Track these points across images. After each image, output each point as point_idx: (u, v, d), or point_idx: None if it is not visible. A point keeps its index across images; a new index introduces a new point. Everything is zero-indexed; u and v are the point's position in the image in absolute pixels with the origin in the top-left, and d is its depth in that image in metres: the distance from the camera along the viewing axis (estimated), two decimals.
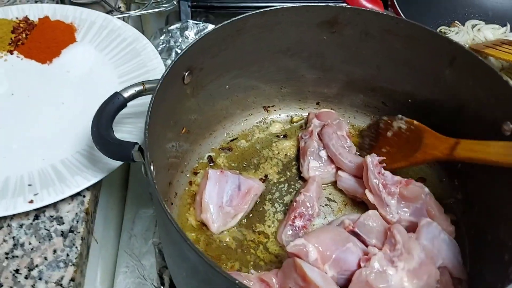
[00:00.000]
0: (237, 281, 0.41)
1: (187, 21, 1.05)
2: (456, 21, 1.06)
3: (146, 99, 0.57)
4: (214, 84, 0.73)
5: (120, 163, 0.64)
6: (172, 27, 1.04)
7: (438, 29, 1.06)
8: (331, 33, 0.74)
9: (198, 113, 0.74)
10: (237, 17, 0.67)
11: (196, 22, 1.06)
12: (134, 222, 0.78)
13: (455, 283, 0.64)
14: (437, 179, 0.77)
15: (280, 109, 0.85)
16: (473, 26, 1.06)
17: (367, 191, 0.69)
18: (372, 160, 0.70)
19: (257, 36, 0.71)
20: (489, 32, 1.04)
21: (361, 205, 0.73)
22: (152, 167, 0.53)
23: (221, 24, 0.65)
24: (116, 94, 0.61)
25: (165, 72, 0.57)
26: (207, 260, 0.42)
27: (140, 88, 0.62)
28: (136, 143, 0.55)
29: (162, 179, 0.66)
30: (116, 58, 0.81)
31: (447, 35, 1.04)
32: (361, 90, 0.82)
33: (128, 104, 0.63)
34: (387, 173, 0.70)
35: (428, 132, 0.71)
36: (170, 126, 0.65)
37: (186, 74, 0.64)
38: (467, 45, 1.01)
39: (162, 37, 1.03)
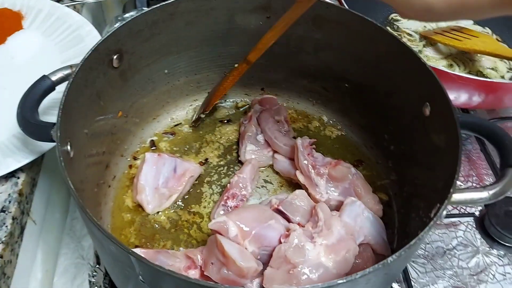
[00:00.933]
0: (130, 251, 0.43)
1: (142, 9, 1.06)
2: None
3: None
4: (151, 68, 0.74)
5: (51, 145, 0.66)
6: (127, 15, 1.05)
7: (390, 16, 1.07)
8: (266, 18, 0.75)
9: (136, 97, 0.75)
10: (167, 2, 0.68)
11: (156, 6, 1.07)
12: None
13: (380, 259, 0.66)
14: (374, 161, 0.79)
15: (225, 94, 0.87)
16: None
17: (297, 172, 0.71)
18: (302, 142, 0.72)
19: (192, 20, 0.73)
20: None
21: (296, 187, 0.74)
22: (68, 147, 0.54)
23: (150, 8, 0.67)
24: (44, 77, 0.62)
25: (86, 55, 0.58)
26: (104, 232, 0.44)
27: (68, 71, 0.63)
28: (55, 123, 0.56)
29: (94, 161, 0.68)
30: (61, 44, 0.82)
31: (398, 23, 1.06)
32: (303, 76, 0.83)
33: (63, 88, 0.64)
34: (318, 155, 0.72)
35: None
36: (100, 109, 0.66)
37: (115, 57, 0.65)
38: (416, 32, 1.03)
39: (116, 25, 1.03)
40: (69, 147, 0.54)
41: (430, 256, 0.74)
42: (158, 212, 0.71)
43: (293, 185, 0.75)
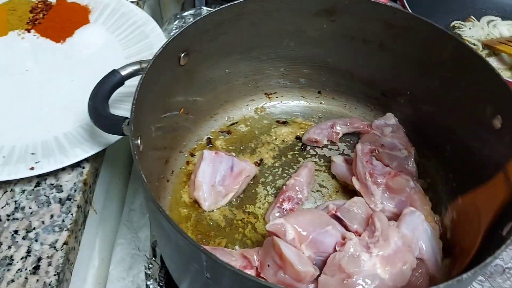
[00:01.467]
0: (201, 248, 0.43)
1: (201, 8, 1.08)
2: (472, 16, 1.05)
3: None
4: (213, 68, 0.75)
5: (117, 138, 0.68)
6: (186, 13, 1.07)
7: (452, 24, 1.04)
8: (330, 21, 0.75)
9: (197, 95, 0.76)
10: (234, 2, 0.69)
11: (210, 9, 1.08)
12: (135, 197, 0.81)
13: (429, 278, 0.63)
14: (433, 174, 0.77)
15: (282, 96, 0.87)
16: (489, 22, 1.04)
17: (354, 178, 0.70)
18: (362, 148, 0.71)
19: (257, 21, 0.73)
20: (505, 29, 1.02)
21: (352, 194, 0.74)
22: (139, 142, 0.56)
23: (218, 8, 0.67)
24: (114, 72, 0.64)
25: (157, 51, 0.60)
26: (176, 227, 0.45)
27: (137, 67, 0.65)
28: (127, 118, 0.58)
29: (157, 156, 0.69)
30: (125, 40, 0.85)
31: (460, 30, 1.03)
32: (362, 81, 0.82)
33: (130, 83, 0.66)
34: (377, 163, 0.71)
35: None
36: (165, 106, 0.68)
37: (182, 55, 0.66)
38: (479, 41, 0.99)
39: (175, 23, 1.06)
40: (139, 141, 0.55)
41: (488, 274, 0.71)
42: (213, 210, 0.72)
43: (349, 191, 0.75)
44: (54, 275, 0.58)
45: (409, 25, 0.71)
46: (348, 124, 0.82)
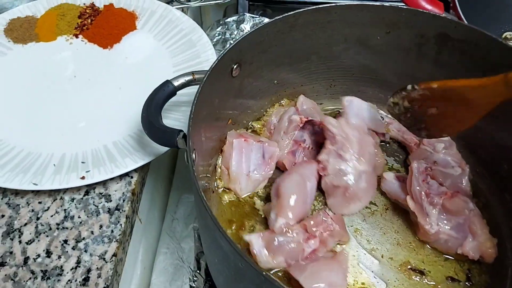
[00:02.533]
0: (264, 273, 0.42)
1: (244, 14, 1.07)
2: None
3: (196, 89, 0.59)
4: (263, 78, 0.74)
5: (167, 148, 0.67)
6: (229, 19, 1.06)
7: (503, 35, 1.00)
8: (385, 33, 0.72)
9: (245, 106, 0.75)
10: (289, 13, 0.67)
11: (253, 15, 1.07)
12: (178, 206, 0.81)
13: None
14: (486, 192, 0.74)
15: (329, 107, 0.85)
16: None
17: (408, 198, 0.68)
18: (418, 166, 0.69)
19: (309, 33, 0.71)
20: None
21: (404, 212, 0.71)
22: (194, 155, 0.55)
23: (273, 20, 0.66)
24: (167, 82, 0.63)
25: (213, 63, 0.59)
26: (237, 250, 0.44)
27: (190, 77, 0.64)
28: (181, 130, 0.57)
29: (207, 164, 0.68)
30: (172, 48, 0.84)
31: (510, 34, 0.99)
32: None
33: (178, 92, 0.66)
34: (433, 182, 0.69)
35: (464, 86, 0.60)
36: (216, 117, 0.67)
37: (235, 67, 0.65)
38: None
39: (218, 29, 1.05)
40: (194, 155, 0.54)
41: None
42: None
43: (400, 210, 0.72)
44: (104, 287, 0.58)
45: (467, 38, 0.69)
46: (399, 131, 0.79)
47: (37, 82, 0.79)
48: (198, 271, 0.71)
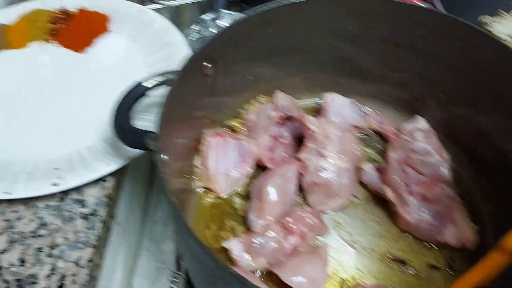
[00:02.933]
0: (237, 274, 0.41)
1: (221, 11, 1.06)
2: (501, 11, 1.00)
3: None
4: (237, 75, 0.73)
5: (140, 152, 0.66)
6: (205, 16, 1.05)
7: (480, 19, 1.00)
8: (361, 24, 0.72)
9: (220, 104, 0.74)
10: (262, 8, 0.66)
11: (230, 12, 1.06)
12: (157, 207, 0.80)
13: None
14: (468, 180, 0.73)
15: (307, 101, 0.84)
16: None
17: (387, 188, 0.67)
18: (395, 156, 0.68)
19: (284, 27, 0.70)
20: None
21: (383, 202, 0.71)
22: (164, 156, 0.54)
23: (246, 16, 0.65)
24: (138, 84, 0.62)
25: (184, 63, 0.58)
26: (213, 257, 0.43)
27: (162, 78, 0.63)
28: (151, 132, 0.56)
29: (185, 165, 0.68)
30: (146, 49, 0.83)
31: (489, 27, 0.99)
32: (393, 84, 0.78)
33: (153, 94, 0.65)
34: (411, 171, 0.68)
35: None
36: (190, 117, 0.66)
37: (208, 65, 0.64)
38: (510, 36, 0.95)
39: (195, 27, 1.04)
40: (165, 157, 0.54)
41: None
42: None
43: (381, 201, 0.71)
44: None
45: (443, 26, 0.68)
46: (379, 122, 0.79)
47: (9, 89, 0.78)
48: (178, 273, 0.70)
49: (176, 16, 1.19)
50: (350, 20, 0.71)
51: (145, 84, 0.62)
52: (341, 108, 0.77)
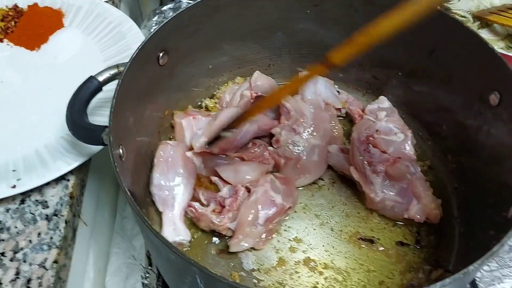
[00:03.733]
0: (192, 261, 0.41)
1: (180, 1, 1.04)
2: None
3: None
4: (195, 64, 0.72)
5: (100, 147, 0.65)
6: (165, 7, 1.04)
7: None
8: (313, 6, 0.71)
9: (181, 94, 0.73)
10: None
11: (190, 1, 1.04)
12: (127, 204, 0.79)
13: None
14: (431, 156, 0.74)
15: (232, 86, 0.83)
16: None
17: (351, 168, 0.68)
18: (358, 136, 0.69)
19: (236, 13, 0.70)
20: None
21: (350, 183, 0.71)
22: (121, 151, 0.53)
23: (194, 3, 0.64)
24: (91, 78, 0.61)
25: (134, 54, 0.56)
26: (165, 242, 0.42)
27: (115, 71, 0.62)
28: (106, 126, 0.55)
29: (143, 160, 0.66)
30: (102, 42, 0.81)
31: (449, 3, 1.00)
32: (352, 65, 0.79)
33: (111, 87, 0.63)
34: (375, 151, 0.69)
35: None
36: (148, 109, 0.65)
37: (161, 55, 0.63)
38: (469, 13, 0.96)
39: (155, 18, 1.02)
40: (121, 151, 0.53)
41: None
42: None
43: (347, 181, 0.72)
44: None
45: (392, 3, 0.68)
46: (347, 101, 0.80)
47: None
48: (150, 267, 0.69)
49: (135, 8, 1.16)
50: (302, 2, 0.71)
51: (98, 77, 0.60)
52: (316, 86, 0.77)
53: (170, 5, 1.03)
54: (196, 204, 0.63)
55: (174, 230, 0.61)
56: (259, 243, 0.63)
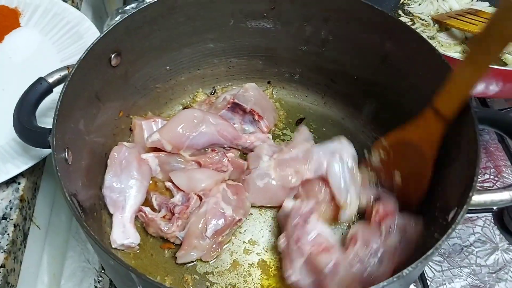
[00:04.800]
0: (129, 268, 0.41)
1: (144, 1, 1.03)
2: None
3: None
4: (151, 66, 0.72)
5: (50, 151, 0.63)
6: (128, 7, 1.02)
7: (401, 0, 1.02)
8: (270, 9, 0.72)
9: (137, 96, 0.73)
10: None
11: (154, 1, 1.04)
12: None
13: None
14: None
15: (230, 88, 0.83)
16: None
17: (282, 235, 0.62)
18: (297, 207, 0.63)
19: (193, 14, 0.69)
20: (454, 2, 1.01)
21: None
22: (66, 154, 0.52)
23: (147, 3, 0.64)
24: (40, 80, 0.60)
25: (82, 55, 0.56)
26: (101, 246, 0.42)
27: (65, 72, 0.61)
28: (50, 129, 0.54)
29: (96, 162, 0.65)
30: (59, 42, 0.80)
31: (409, 7, 1.02)
32: (310, 68, 0.79)
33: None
34: (311, 228, 0.61)
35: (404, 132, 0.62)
36: (100, 111, 0.64)
37: (113, 56, 0.62)
38: (429, 16, 0.98)
39: (117, 18, 1.01)
40: (66, 154, 0.52)
41: (446, 253, 0.71)
42: None
43: None
44: None
45: (351, 11, 0.69)
46: None
47: None
48: (103, 271, 0.68)
49: (99, 7, 1.15)
50: (259, 4, 0.71)
51: (48, 79, 0.59)
52: (334, 154, 0.68)
53: (133, 5, 1.01)
54: (147, 209, 0.63)
55: (123, 233, 0.60)
56: (207, 255, 0.62)
